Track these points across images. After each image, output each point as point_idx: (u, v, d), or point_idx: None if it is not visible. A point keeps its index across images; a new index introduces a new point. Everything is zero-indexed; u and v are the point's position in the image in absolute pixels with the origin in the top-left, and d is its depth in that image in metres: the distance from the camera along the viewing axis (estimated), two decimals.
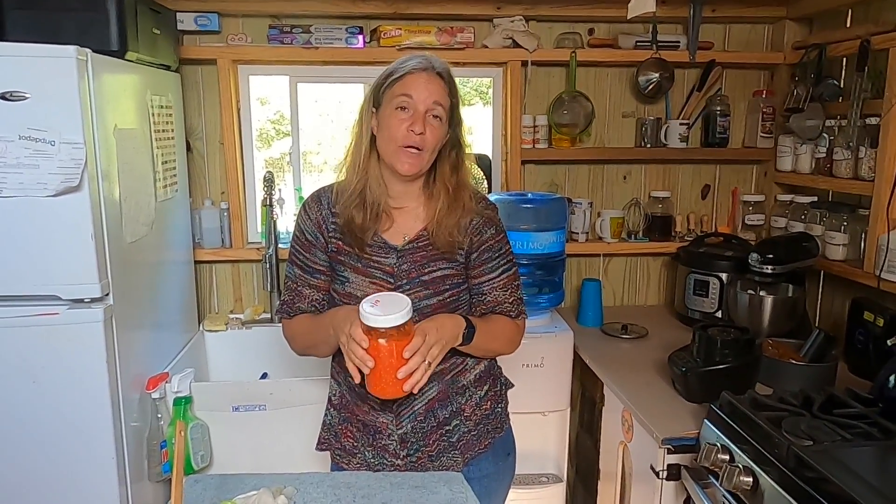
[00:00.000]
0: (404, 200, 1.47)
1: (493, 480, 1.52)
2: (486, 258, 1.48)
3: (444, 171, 1.44)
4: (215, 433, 2.02)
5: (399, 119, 1.36)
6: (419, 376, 1.25)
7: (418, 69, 1.37)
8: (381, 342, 1.22)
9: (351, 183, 1.43)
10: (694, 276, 2.38)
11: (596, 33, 2.55)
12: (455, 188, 1.44)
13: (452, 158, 1.45)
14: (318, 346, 1.47)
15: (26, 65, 1.54)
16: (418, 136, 1.35)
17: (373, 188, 1.42)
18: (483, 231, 1.47)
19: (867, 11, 2.16)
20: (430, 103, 1.36)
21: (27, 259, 1.61)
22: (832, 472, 1.21)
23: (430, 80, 1.37)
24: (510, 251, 1.52)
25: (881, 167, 1.97)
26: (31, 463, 1.71)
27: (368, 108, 1.43)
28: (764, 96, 2.54)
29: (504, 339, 1.51)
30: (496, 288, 1.49)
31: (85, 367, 1.68)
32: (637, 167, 2.68)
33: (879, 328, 1.87)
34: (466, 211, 1.44)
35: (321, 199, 1.49)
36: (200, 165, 2.50)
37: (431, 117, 1.37)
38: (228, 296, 2.58)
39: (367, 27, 2.43)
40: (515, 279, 1.52)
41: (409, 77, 1.37)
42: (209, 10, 2.33)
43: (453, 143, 1.45)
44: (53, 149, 1.55)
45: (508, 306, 1.50)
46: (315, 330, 1.45)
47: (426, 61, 1.39)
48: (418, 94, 1.36)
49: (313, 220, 1.48)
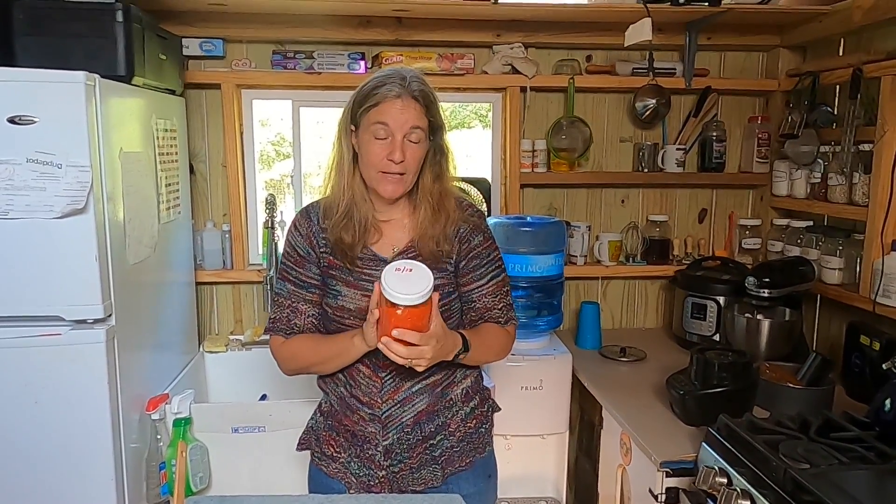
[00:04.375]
0: (391, 213, 1.48)
1: (473, 501, 1.51)
2: (474, 265, 1.49)
3: (426, 182, 1.44)
4: (214, 454, 2.01)
5: (378, 146, 1.37)
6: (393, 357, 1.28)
7: (392, 96, 1.35)
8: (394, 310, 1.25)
9: (337, 201, 1.43)
10: (691, 300, 2.39)
11: (594, 60, 2.59)
12: (438, 198, 1.44)
13: (435, 167, 1.45)
14: (331, 360, 1.45)
15: (35, 89, 1.57)
16: (398, 164, 1.36)
17: (359, 206, 1.43)
18: (471, 238, 1.48)
19: (859, 40, 2.20)
20: (406, 129, 1.36)
21: (31, 280, 1.63)
22: (829, 496, 1.22)
23: (406, 107, 1.36)
24: (499, 257, 1.53)
25: (875, 193, 2.00)
26: (30, 482, 1.70)
27: (347, 126, 1.43)
28: (759, 122, 2.58)
29: (496, 349, 1.53)
30: (485, 295, 1.50)
31: (86, 387, 1.68)
32: (635, 191, 2.70)
33: (875, 352, 1.88)
34: (451, 220, 1.44)
35: (310, 215, 1.50)
36: (203, 188, 2.52)
37: (409, 141, 1.37)
38: (229, 317, 2.59)
39: (369, 53, 2.47)
40: (504, 285, 1.53)
41: (384, 105, 1.36)
42: (214, 36, 2.38)
43: (436, 150, 1.45)
44: (60, 171, 1.57)
45: (498, 313, 1.51)
46: (329, 344, 1.45)
47: (399, 87, 1.36)
48: (394, 121, 1.36)
49: (304, 235, 1.49)
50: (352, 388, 1.47)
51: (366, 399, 1.46)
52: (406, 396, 1.45)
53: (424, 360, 1.29)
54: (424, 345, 1.27)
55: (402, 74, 1.39)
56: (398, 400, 1.45)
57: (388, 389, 1.45)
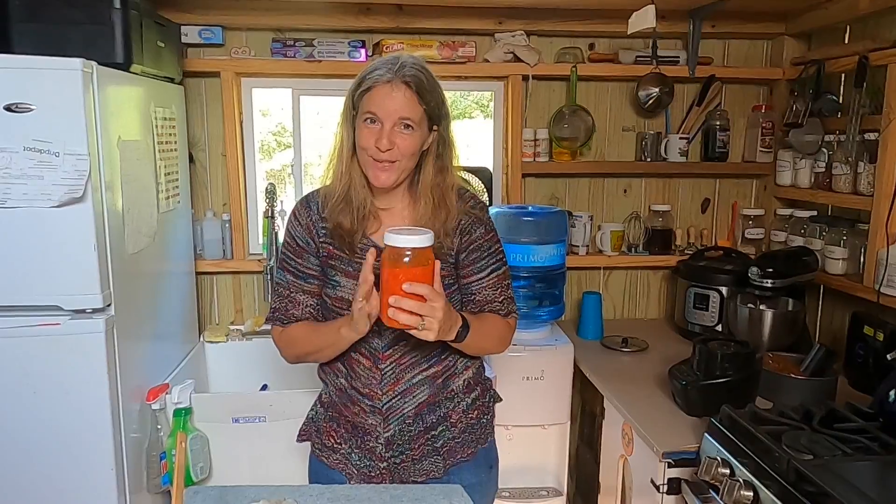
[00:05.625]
0: (390, 202, 1.46)
1: (474, 492, 1.49)
2: (474, 258, 1.47)
3: (427, 175, 1.42)
4: (215, 444, 2.01)
5: (368, 132, 1.35)
6: (404, 318, 1.23)
7: (381, 81, 1.32)
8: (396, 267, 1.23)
9: (336, 187, 1.42)
10: (694, 290, 2.38)
11: (596, 48, 2.57)
12: (440, 193, 1.42)
13: (438, 160, 1.42)
14: (322, 350, 1.45)
15: (32, 77, 1.55)
16: (385, 151, 1.33)
17: (357, 191, 1.41)
18: (472, 231, 1.46)
19: (865, 28, 2.18)
20: (395, 118, 1.33)
21: (29, 269, 1.62)
22: (832, 487, 1.21)
23: (394, 95, 1.32)
24: (500, 250, 1.51)
25: (880, 182, 1.98)
26: (29, 473, 1.70)
27: (349, 111, 1.41)
28: (763, 111, 2.56)
29: (495, 338, 1.50)
30: (486, 287, 1.48)
31: (85, 377, 1.68)
32: (637, 181, 2.69)
33: (879, 342, 1.88)
34: (452, 214, 1.42)
35: (310, 205, 1.48)
36: (202, 177, 2.51)
37: (401, 129, 1.34)
38: (229, 307, 2.58)
39: (370, 41, 2.45)
40: (506, 278, 1.51)
41: (374, 90, 1.33)
42: (213, 24, 2.36)
43: (440, 142, 1.42)
44: (58, 160, 1.56)
45: (498, 305, 1.49)
46: (321, 334, 1.44)
47: (391, 71, 1.33)
48: (383, 110, 1.33)
49: (303, 225, 1.47)
50: (352, 380, 1.47)
51: (366, 391, 1.45)
52: (407, 388, 1.44)
53: (435, 319, 1.24)
54: (435, 300, 1.24)
55: (400, 60, 1.36)
56: (399, 391, 1.44)
57: (389, 381, 1.44)
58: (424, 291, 1.23)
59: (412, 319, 1.24)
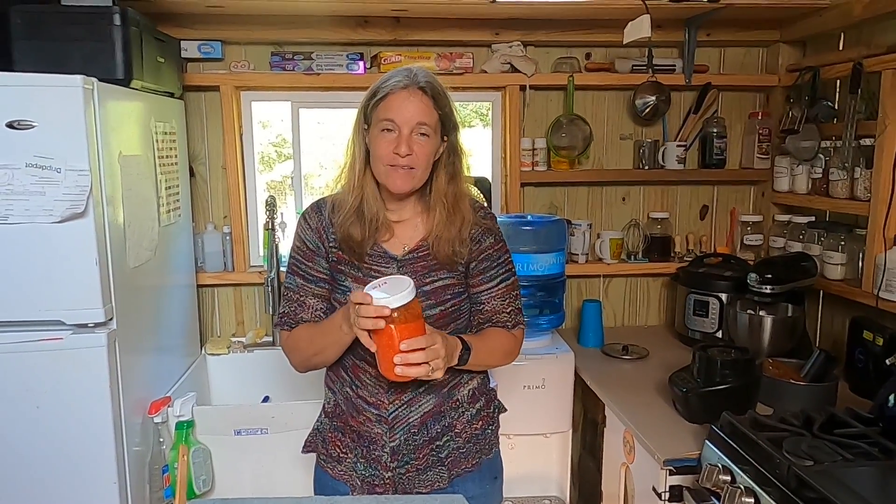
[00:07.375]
0: (403, 213, 1.47)
1: (479, 503, 1.51)
2: (484, 267, 1.48)
3: (440, 184, 1.43)
4: (217, 457, 2.01)
5: (385, 141, 1.36)
6: (414, 372, 1.25)
7: (398, 88, 1.35)
8: (388, 325, 1.22)
9: (347, 199, 1.43)
10: (693, 297, 2.39)
11: (593, 58, 2.59)
12: (453, 200, 1.43)
13: (449, 168, 1.44)
14: (325, 349, 1.44)
15: (33, 94, 1.56)
16: (405, 157, 1.35)
17: (370, 203, 1.42)
18: (482, 240, 1.47)
19: (859, 35, 2.19)
20: (413, 124, 1.35)
21: (31, 284, 1.62)
22: (833, 493, 1.21)
23: (412, 100, 1.35)
24: (509, 260, 1.52)
25: (876, 187, 1.99)
26: (33, 487, 1.70)
27: (360, 125, 1.43)
28: (760, 118, 2.57)
29: (501, 353, 1.51)
30: (494, 297, 1.49)
31: (88, 391, 1.68)
32: (635, 189, 2.70)
33: (879, 347, 1.88)
34: (467, 222, 1.43)
35: (321, 209, 1.49)
36: (203, 190, 2.52)
37: (418, 135, 1.36)
38: (230, 319, 2.59)
39: (368, 53, 2.47)
40: (514, 289, 1.52)
41: (390, 98, 1.36)
42: (212, 39, 2.38)
43: (450, 151, 1.44)
44: (59, 176, 1.57)
45: (506, 316, 1.50)
46: (322, 333, 1.43)
47: (408, 78, 1.36)
48: (400, 115, 1.35)
49: (314, 228, 1.48)
50: (357, 389, 1.47)
51: (372, 400, 1.45)
52: (413, 397, 1.45)
53: (441, 358, 1.27)
54: (434, 343, 1.26)
55: (413, 69, 1.39)
56: (405, 400, 1.45)
57: (395, 390, 1.44)
58: (423, 344, 1.25)
59: (421, 371, 1.26)
